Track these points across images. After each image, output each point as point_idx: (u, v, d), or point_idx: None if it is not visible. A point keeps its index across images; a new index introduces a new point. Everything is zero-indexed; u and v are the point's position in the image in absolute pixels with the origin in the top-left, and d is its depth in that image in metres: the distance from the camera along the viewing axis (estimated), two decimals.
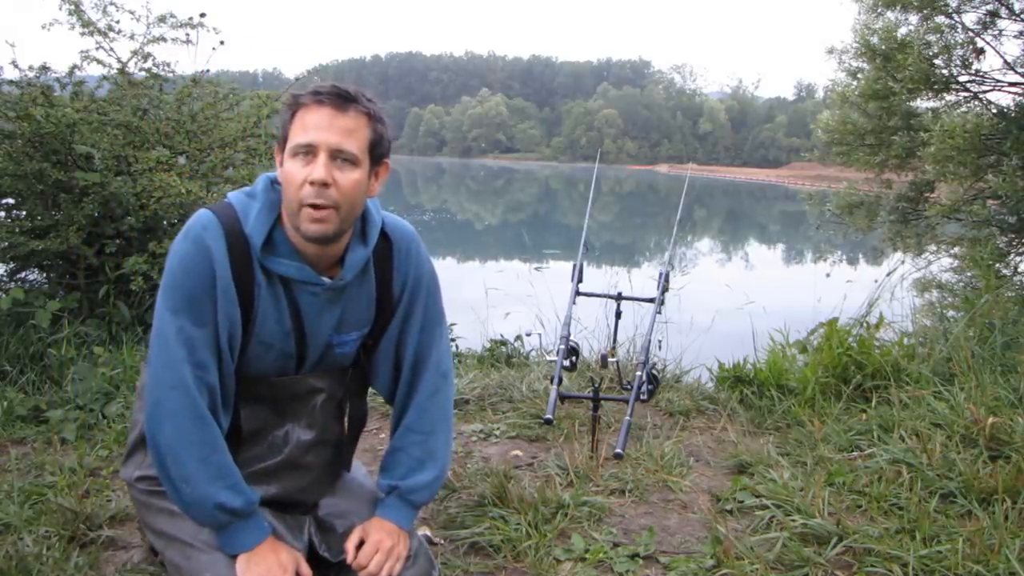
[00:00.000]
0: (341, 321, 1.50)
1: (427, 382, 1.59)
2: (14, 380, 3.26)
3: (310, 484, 1.59)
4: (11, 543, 2.02)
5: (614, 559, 2.13)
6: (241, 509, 1.40)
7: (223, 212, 1.39)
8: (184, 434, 1.36)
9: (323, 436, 1.59)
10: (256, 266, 1.39)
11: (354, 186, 1.35)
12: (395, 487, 1.57)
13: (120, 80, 4.29)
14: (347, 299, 1.49)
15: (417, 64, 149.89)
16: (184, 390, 1.35)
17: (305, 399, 1.55)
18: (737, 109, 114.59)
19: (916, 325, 4.43)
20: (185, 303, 1.35)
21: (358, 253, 1.46)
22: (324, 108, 1.33)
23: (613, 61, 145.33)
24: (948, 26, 7.44)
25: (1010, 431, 2.69)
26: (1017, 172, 6.65)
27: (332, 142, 1.32)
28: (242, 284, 1.37)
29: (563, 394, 3.17)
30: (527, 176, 76.64)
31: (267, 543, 1.43)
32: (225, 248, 1.36)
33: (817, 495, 2.35)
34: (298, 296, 1.43)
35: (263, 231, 1.38)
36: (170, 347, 1.35)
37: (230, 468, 1.40)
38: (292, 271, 1.40)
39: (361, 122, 1.35)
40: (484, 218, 33.69)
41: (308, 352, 1.50)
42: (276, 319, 1.43)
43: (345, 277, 1.45)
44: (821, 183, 24.63)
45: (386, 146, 1.42)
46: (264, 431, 1.53)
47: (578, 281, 3.40)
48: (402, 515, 1.56)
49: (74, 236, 3.63)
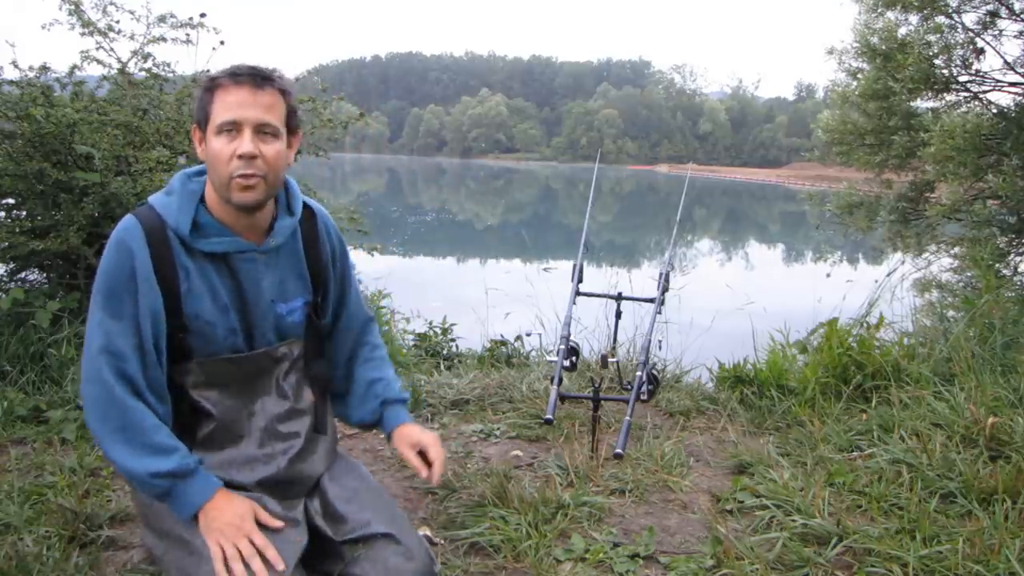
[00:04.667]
0: (282, 288, 1.60)
1: (369, 327, 1.82)
2: (14, 380, 3.26)
3: (297, 455, 1.61)
4: (11, 543, 2.02)
5: (614, 559, 2.13)
6: (176, 470, 1.43)
7: (143, 213, 1.50)
8: (106, 422, 1.44)
9: (294, 404, 1.65)
10: (178, 254, 1.48)
11: (277, 155, 1.47)
12: (387, 398, 1.75)
13: (120, 80, 4.29)
14: (283, 265, 1.60)
15: (417, 64, 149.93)
16: (99, 382, 1.44)
17: (270, 370, 1.61)
18: (737, 109, 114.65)
19: (916, 325, 4.42)
20: (105, 299, 1.46)
21: (286, 221, 1.59)
22: (244, 88, 1.44)
23: (613, 61, 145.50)
24: (948, 26, 7.43)
25: (1010, 431, 2.69)
26: (1017, 172, 6.64)
27: (256, 117, 1.44)
28: (164, 273, 1.47)
29: (563, 394, 3.17)
30: (527, 176, 76.64)
31: (219, 496, 1.46)
32: (145, 244, 1.46)
33: (817, 495, 2.35)
34: (237, 268, 1.53)
35: (188, 219, 1.48)
36: (90, 341, 1.46)
37: (157, 441, 1.44)
38: (225, 246, 1.51)
39: (278, 97, 1.48)
40: (484, 218, 33.67)
41: (255, 324, 1.57)
42: (211, 297, 1.51)
43: (275, 239, 1.56)
44: (821, 183, 24.64)
45: (296, 118, 1.54)
46: (236, 411, 1.57)
47: (578, 281, 3.40)
48: (408, 414, 1.77)
49: (74, 236, 3.63)
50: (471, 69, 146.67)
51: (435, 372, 3.89)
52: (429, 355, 4.42)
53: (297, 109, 1.55)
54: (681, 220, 3.86)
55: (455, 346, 4.68)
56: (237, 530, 1.41)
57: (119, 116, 3.95)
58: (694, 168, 69.40)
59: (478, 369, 3.99)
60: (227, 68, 1.48)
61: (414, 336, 4.67)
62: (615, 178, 68.68)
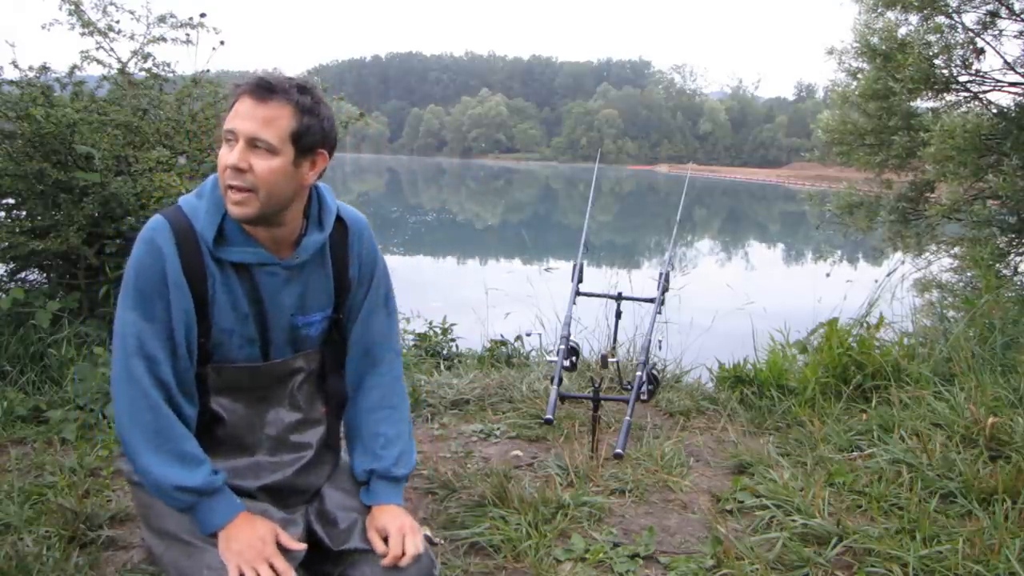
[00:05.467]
0: (303, 302, 1.56)
1: (388, 361, 1.67)
2: (14, 380, 3.26)
3: (305, 467, 1.60)
4: (11, 543, 2.02)
5: (614, 559, 2.13)
6: (202, 487, 1.42)
7: (173, 215, 1.48)
8: (137, 426, 1.42)
9: (307, 415, 1.63)
10: (207, 259, 1.46)
11: (270, 172, 1.40)
12: (374, 470, 1.61)
13: (120, 80, 4.28)
14: (307, 280, 1.56)
15: (417, 64, 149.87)
16: (134, 383, 1.42)
17: (284, 381, 1.60)
18: (737, 109, 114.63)
19: (916, 325, 4.43)
20: (137, 301, 1.44)
21: (314, 237, 1.54)
22: (247, 98, 1.40)
23: (613, 61, 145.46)
24: (948, 26, 7.43)
25: (1010, 431, 2.69)
26: (1017, 172, 6.63)
27: (249, 130, 1.39)
28: (193, 278, 1.45)
29: (563, 394, 3.17)
30: (527, 176, 76.63)
31: (241, 518, 1.45)
32: (175, 247, 1.44)
33: (817, 495, 2.35)
34: (258, 279, 1.50)
35: (214, 226, 1.45)
36: (123, 343, 1.43)
37: (186, 451, 1.44)
38: (247, 256, 1.48)
39: (283, 112, 1.40)
40: (484, 218, 33.67)
41: (272, 334, 1.55)
42: (232, 305, 1.49)
43: (300, 256, 1.52)
44: (821, 183, 24.62)
45: (317, 137, 1.45)
46: (248, 419, 1.56)
47: (578, 281, 3.40)
48: (394, 494, 1.61)
49: (74, 236, 3.63)
50: (471, 69, 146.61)
51: (435, 372, 3.89)
52: (429, 355, 4.42)
53: (318, 130, 1.44)
54: (681, 220, 3.87)
55: (455, 346, 4.68)
56: (258, 554, 1.40)
57: (119, 116, 3.95)
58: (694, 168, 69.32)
59: (478, 369, 3.99)
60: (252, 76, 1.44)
61: (414, 336, 4.67)
62: (615, 178, 68.65)
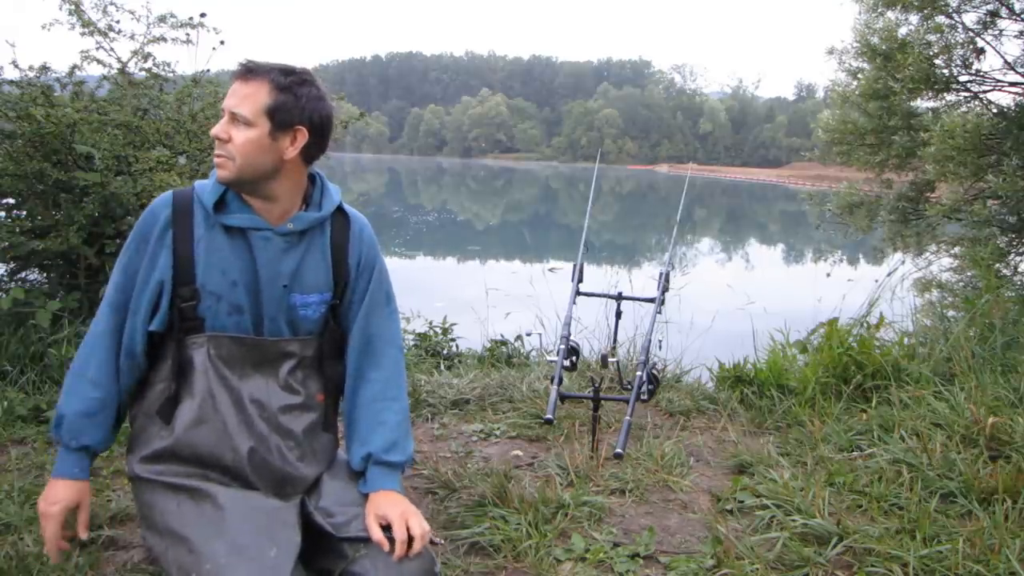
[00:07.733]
0: (299, 277, 1.62)
1: (389, 355, 1.73)
2: (14, 380, 3.26)
3: (298, 453, 1.61)
4: (11, 543, 2.02)
5: (614, 559, 2.13)
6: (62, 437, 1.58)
7: (181, 190, 1.63)
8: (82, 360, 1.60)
9: (301, 400, 1.65)
10: (196, 222, 1.58)
11: (245, 143, 1.53)
12: (371, 454, 1.65)
13: (120, 80, 4.28)
14: (303, 255, 1.63)
15: (417, 64, 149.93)
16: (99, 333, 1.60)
17: (277, 362, 1.63)
18: (737, 109, 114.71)
19: (916, 325, 4.42)
20: (122, 258, 1.61)
21: (311, 212, 1.65)
22: (235, 80, 1.56)
23: (613, 61, 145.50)
24: (948, 26, 7.42)
25: (1010, 431, 2.69)
26: (1017, 172, 6.63)
27: (230, 105, 1.54)
28: (180, 238, 1.57)
29: (563, 394, 3.16)
30: (527, 176, 76.64)
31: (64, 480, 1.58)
32: (170, 212, 1.58)
33: (817, 495, 2.35)
34: (253, 245, 1.59)
35: (216, 195, 1.58)
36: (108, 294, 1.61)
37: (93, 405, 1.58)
38: (243, 221, 1.58)
39: (260, 89, 1.53)
40: (485, 218, 33.67)
41: (265, 308, 1.60)
42: (221, 270, 1.57)
43: (294, 225, 1.61)
44: (821, 183, 24.61)
45: (293, 114, 1.56)
46: (236, 393, 1.58)
47: (578, 281, 3.40)
48: (391, 479, 1.65)
49: (74, 236, 3.63)
50: (471, 69, 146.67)
51: (435, 372, 3.89)
52: (429, 355, 4.42)
53: (295, 107, 1.55)
54: (681, 220, 3.86)
55: (455, 346, 4.68)
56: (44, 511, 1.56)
57: (119, 116, 3.95)
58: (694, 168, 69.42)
59: (478, 369, 3.99)
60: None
61: (414, 336, 4.67)
62: (615, 178, 68.66)
